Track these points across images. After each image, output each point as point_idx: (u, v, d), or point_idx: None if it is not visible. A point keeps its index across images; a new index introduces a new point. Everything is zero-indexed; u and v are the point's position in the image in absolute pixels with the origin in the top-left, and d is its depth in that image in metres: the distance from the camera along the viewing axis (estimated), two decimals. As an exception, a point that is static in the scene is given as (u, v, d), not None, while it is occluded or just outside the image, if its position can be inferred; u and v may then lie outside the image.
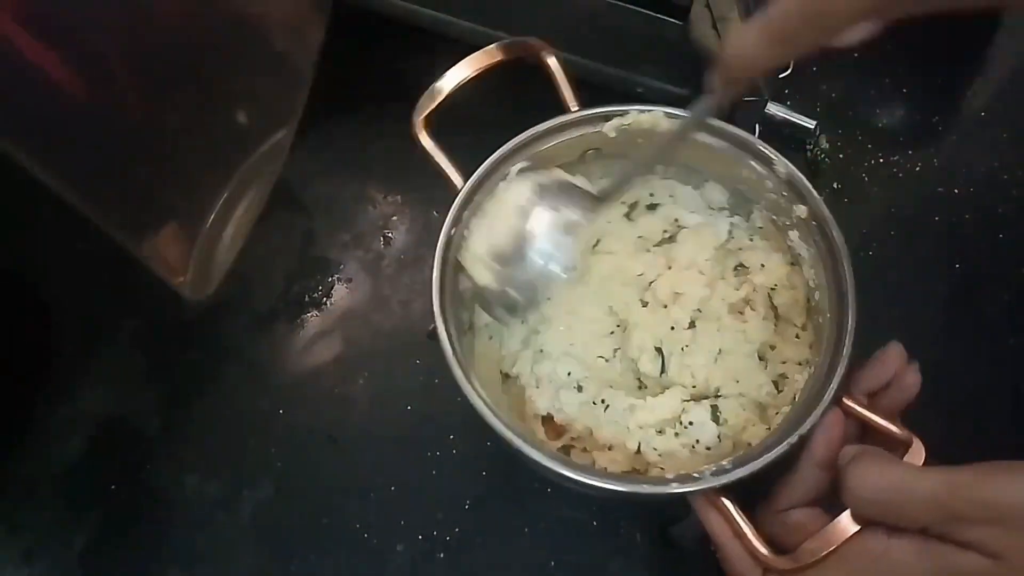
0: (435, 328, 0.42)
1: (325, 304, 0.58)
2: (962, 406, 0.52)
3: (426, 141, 0.46)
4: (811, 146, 0.60)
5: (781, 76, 0.59)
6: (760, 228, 0.49)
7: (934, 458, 0.38)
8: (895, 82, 0.63)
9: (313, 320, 0.58)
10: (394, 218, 0.61)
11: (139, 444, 0.54)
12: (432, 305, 0.42)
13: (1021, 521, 0.33)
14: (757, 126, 0.56)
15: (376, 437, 0.54)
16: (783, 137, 0.58)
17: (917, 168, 0.60)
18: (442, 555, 0.50)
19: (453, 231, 0.45)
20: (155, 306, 0.57)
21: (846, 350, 0.40)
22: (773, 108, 0.57)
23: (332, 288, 0.59)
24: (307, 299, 0.58)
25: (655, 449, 0.44)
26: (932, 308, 0.55)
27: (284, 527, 0.51)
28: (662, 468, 0.44)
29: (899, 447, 0.38)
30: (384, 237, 0.60)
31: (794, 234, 0.46)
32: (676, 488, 0.38)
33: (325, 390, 0.55)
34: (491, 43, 0.52)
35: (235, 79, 0.50)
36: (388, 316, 0.57)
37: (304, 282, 0.59)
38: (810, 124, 0.58)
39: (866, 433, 0.40)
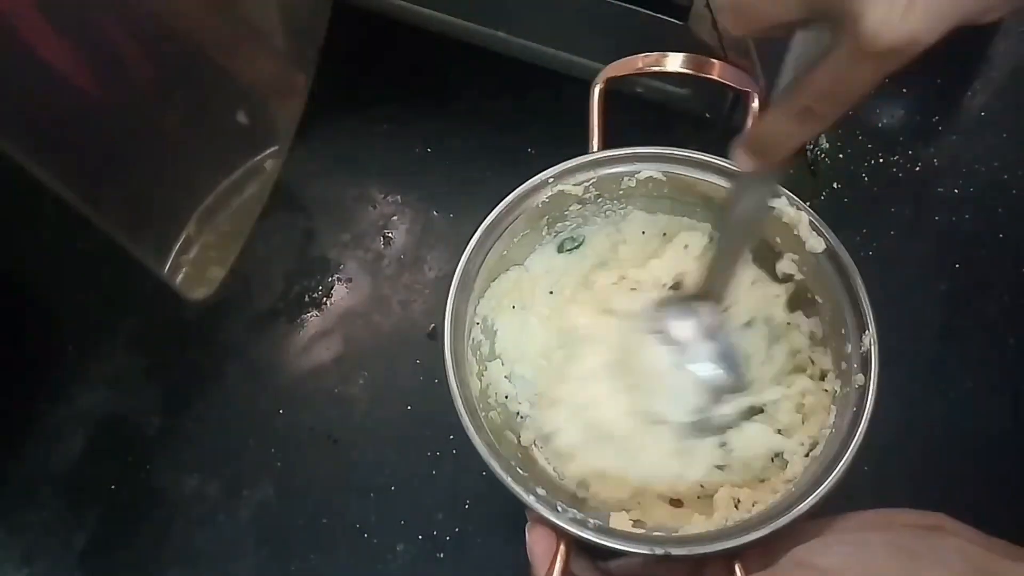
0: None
1: (325, 304, 0.58)
2: (962, 406, 0.52)
3: (595, 98, 0.46)
4: (811, 146, 0.59)
5: (781, 76, 0.59)
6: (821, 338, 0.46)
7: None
8: (895, 82, 0.63)
9: (313, 320, 0.57)
10: (394, 218, 0.61)
11: (139, 444, 0.54)
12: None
13: None
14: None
15: (376, 437, 0.53)
16: (783, 137, 0.58)
17: (917, 168, 0.60)
18: (442, 555, 0.50)
19: (551, 179, 0.45)
20: (155, 306, 0.57)
21: (811, 500, 0.37)
22: (773, 108, 0.57)
23: (332, 288, 0.59)
24: (307, 299, 0.58)
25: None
26: (932, 308, 0.55)
27: (284, 527, 0.51)
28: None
29: None
30: (384, 237, 0.60)
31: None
32: (534, 503, 0.37)
33: (325, 390, 0.55)
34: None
35: (235, 79, 0.50)
36: (388, 316, 0.57)
37: (304, 282, 0.59)
38: (810, 124, 0.58)
39: None
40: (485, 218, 0.44)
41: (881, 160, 0.60)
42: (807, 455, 0.43)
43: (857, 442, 0.39)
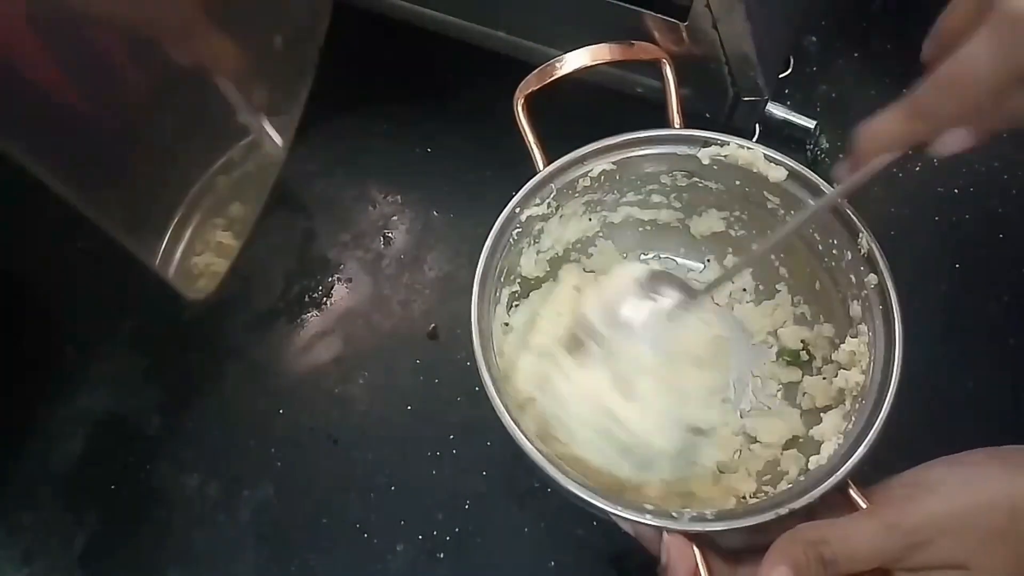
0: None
1: (325, 304, 0.58)
2: (962, 406, 0.52)
3: (522, 118, 0.47)
4: (811, 146, 0.59)
5: (781, 76, 0.59)
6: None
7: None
8: (895, 82, 0.62)
9: (313, 320, 0.58)
10: (394, 218, 0.61)
11: (139, 444, 0.54)
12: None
13: (958, 530, 0.34)
14: (757, 126, 0.56)
15: (376, 437, 0.53)
16: (783, 137, 0.58)
17: (917, 168, 0.60)
18: (442, 555, 0.50)
19: (517, 209, 0.45)
20: (155, 306, 0.57)
21: (868, 440, 0.38)
22: (773, 108, 0.57)
23: (332, 288, 0.59)
24: (307, 299, 0.58)
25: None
26: (932, 308, 0.55)
27: (284, 527, 0.51)
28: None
29: None
30: (384, 237, 0.60)
31: (855, 310, 0.45)
32: (650, 520, 0.37)
33: (325, 390, 0.55)
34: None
35: (235, 79, 0.50)
36: (388, 316, 0.57)
37: (304, 282, 0.59)
38: (810, 124, 0.58)
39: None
40: (476, 268, 0.44)
41: (881, 160, 0.60)
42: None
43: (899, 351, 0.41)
